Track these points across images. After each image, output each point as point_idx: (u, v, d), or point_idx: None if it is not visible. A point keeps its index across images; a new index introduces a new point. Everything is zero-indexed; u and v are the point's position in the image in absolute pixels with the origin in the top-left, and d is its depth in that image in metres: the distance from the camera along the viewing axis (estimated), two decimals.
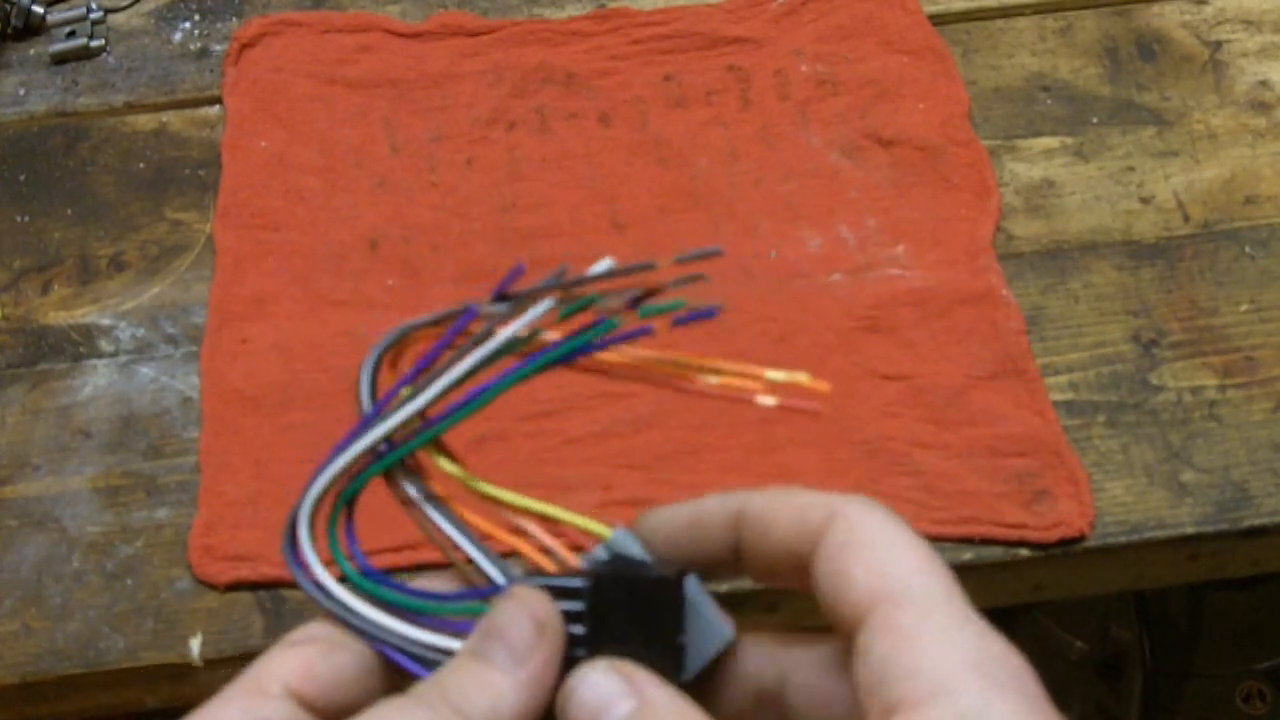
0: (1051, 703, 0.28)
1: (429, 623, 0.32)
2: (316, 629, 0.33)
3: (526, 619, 0.31)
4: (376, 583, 0.32)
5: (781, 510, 0.31)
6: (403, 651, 0.32)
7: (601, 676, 0.30)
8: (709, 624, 0.31)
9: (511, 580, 0.32)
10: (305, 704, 0.31)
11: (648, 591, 0.31)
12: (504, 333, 0.33)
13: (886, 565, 0.29)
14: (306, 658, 0.32)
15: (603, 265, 0.33)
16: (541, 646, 0.31)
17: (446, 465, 0.34)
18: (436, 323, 0.34)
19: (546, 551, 0.33)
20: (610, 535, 0.33)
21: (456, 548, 0.34)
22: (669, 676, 0.30)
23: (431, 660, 0.31)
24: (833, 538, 0.30)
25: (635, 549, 0.32)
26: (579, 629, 0.31)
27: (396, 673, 0.32)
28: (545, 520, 0.34)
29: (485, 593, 0.32)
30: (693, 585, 0.31)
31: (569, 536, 0.33)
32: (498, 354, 0.33)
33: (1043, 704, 0.28)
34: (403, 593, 0.32)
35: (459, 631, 0.32)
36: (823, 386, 0.31)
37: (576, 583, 0.32)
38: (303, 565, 0.33)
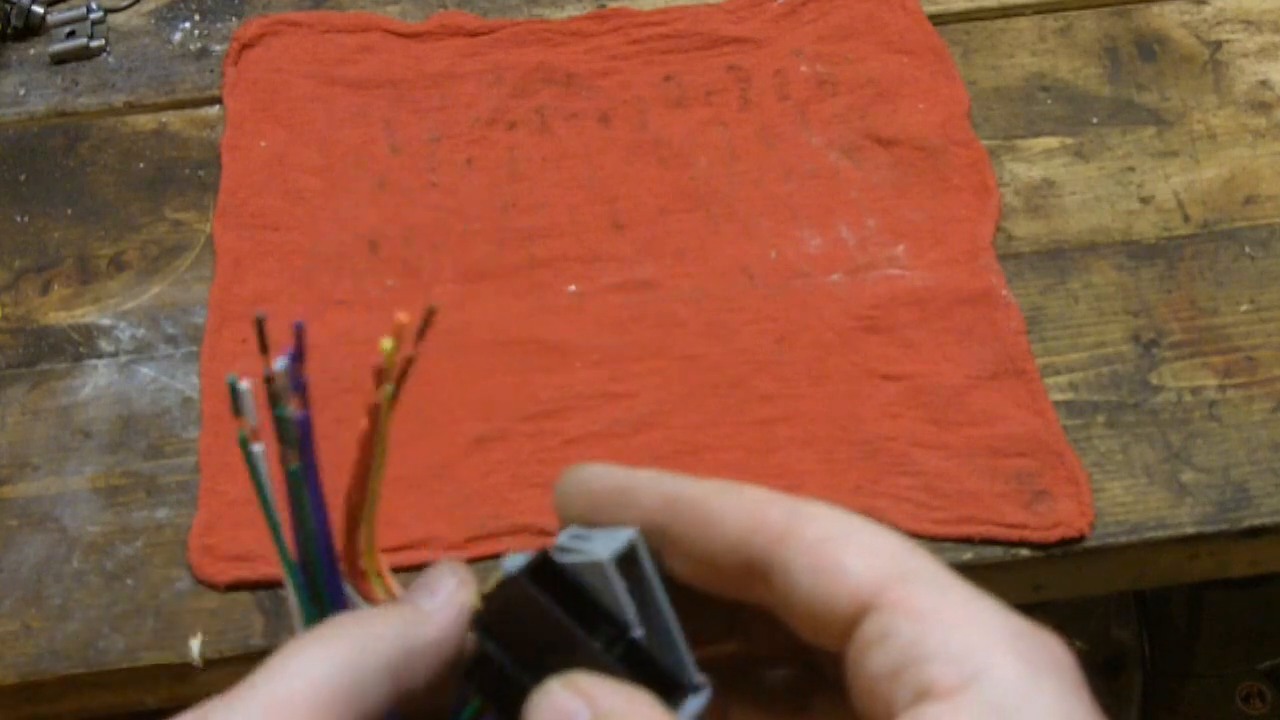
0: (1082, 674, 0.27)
1: None
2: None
3: (450, 572, 0.33)
4: None
5: (727, 505, 0.30)
6: None
7: (556, 690, 0.29)
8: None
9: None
10: None
11: (539, 599, 0.30)
12: None
13: (883, 550, 0.28)
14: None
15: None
16: (460, 597, 0.32)
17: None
18: None
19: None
20: (505, 562, 0.32)
21: None
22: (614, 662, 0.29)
23: None
24: (807, 532, 0.29)
25: (520, 560, 0.32)
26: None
27: None
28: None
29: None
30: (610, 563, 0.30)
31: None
32: None
33: (1078, 680, 0.26)
34: None
35: None
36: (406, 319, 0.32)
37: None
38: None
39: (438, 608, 0.32)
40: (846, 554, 0.28)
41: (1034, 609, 1.10)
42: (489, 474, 0.62)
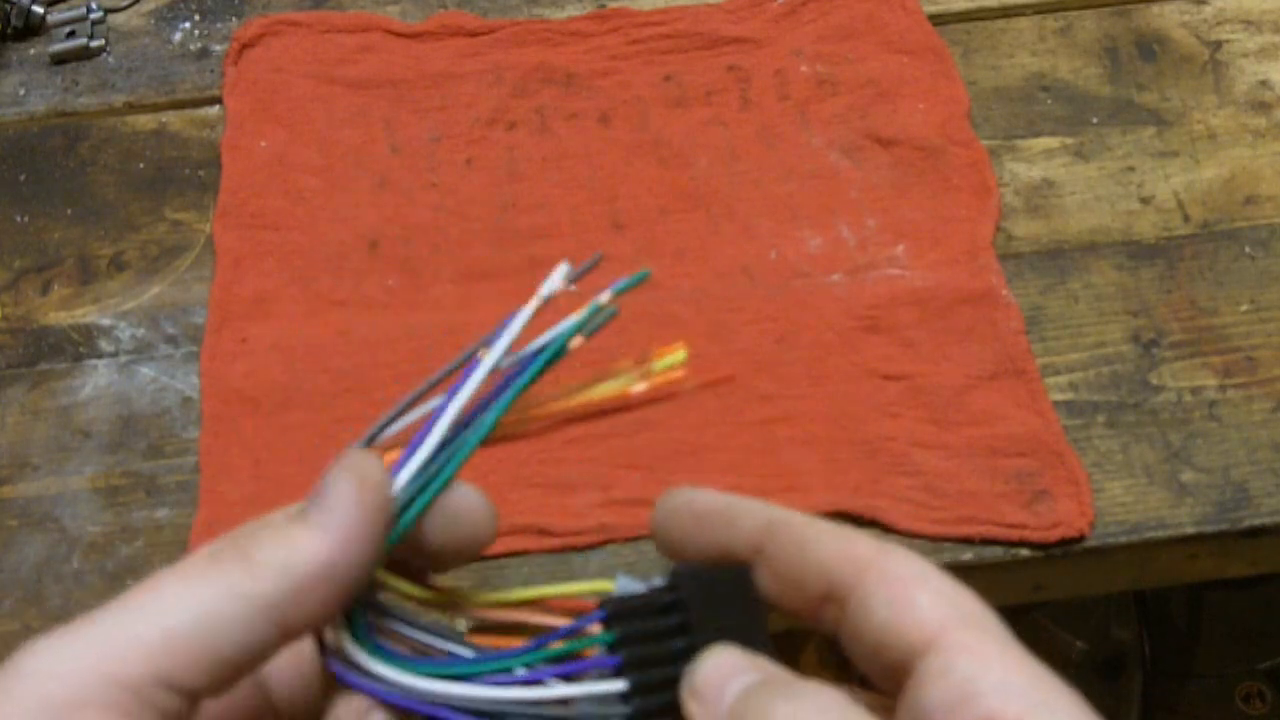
0: None
1: (492, 680, 0.30)
2: None
3: (343, 474, 0.30)
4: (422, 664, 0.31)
5: (824, 534, 0.31)
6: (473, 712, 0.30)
7: (722, 654, 0.30)
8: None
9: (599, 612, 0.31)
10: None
11: (728, 584, 0.31)
12: (487, 360, 0.32)
13: (953, 596, 0.30)
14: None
15: (558, 273, 0.32)
16: (355, 500, 0.30)
17: (408, 589, 0.32)
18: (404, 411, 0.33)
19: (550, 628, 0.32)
20: (615, 583, 0.32)
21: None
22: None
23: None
24: (889, 568, 0.30)
25: (638, 586, 0.32)
26: (679, 643, 0.31)
27: None
28: (535, 603, 0.33)
29: (552, 637, 0.31)
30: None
31: (567, 605, 0.32)
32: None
33: None
34: (466, 662, 0.30)
35: (531, 681, 0.30)
36: (678, 356, 0.31)
37: (658, 582, 0.32)
38: (356, 667, 0.30)
39: (332, 525, 0.29)
40: (921, 592, 0.30)
41: (1034, 609, 1.09)
42: (489, 474, 0.62)
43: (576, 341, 0.33)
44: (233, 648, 0.28)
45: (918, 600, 0.29)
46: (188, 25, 0.81)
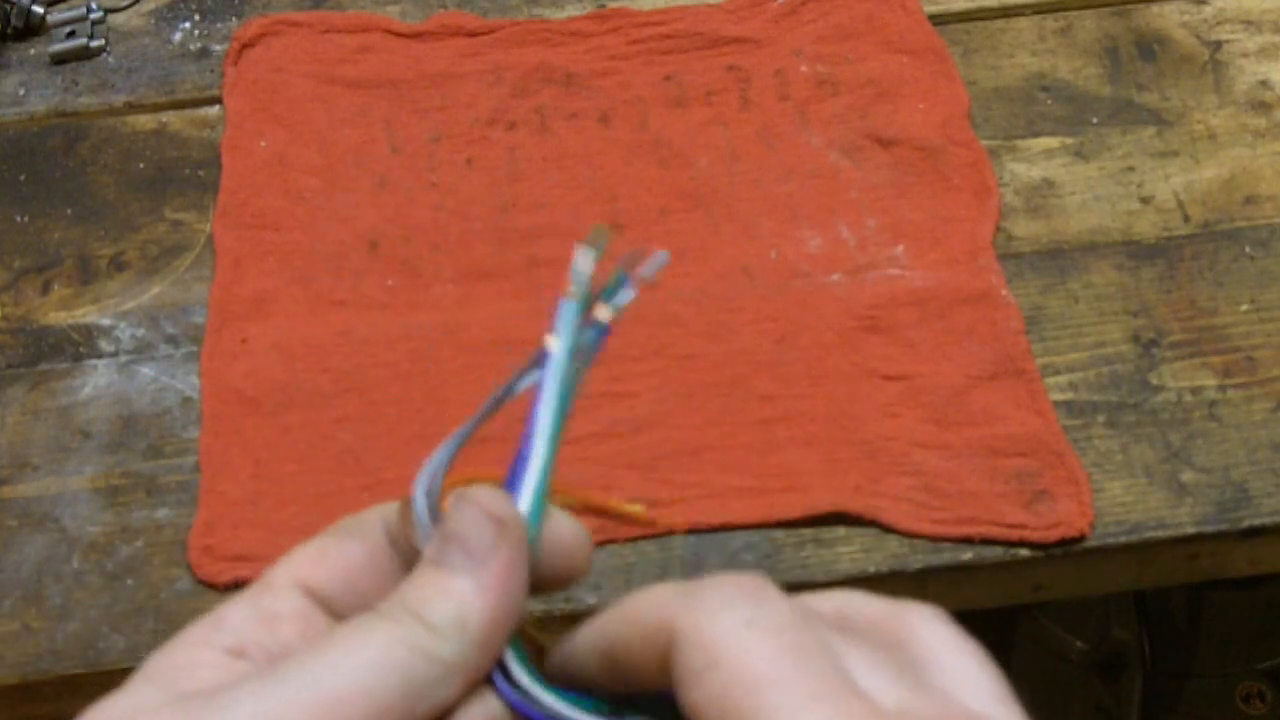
0: None
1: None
2: (340, 523, 0.32)
3: (483, 519, 0.30)
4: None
5: (628, 629, 0.30)
6: None
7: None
8: None
9: None
10: (317, 596, 0.30)
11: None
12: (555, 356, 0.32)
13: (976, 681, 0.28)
14: (317, 547, 0.31)
15: (587, 258, 0.32)
16: (503, 545, 0.29)
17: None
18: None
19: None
20: None
21: None
22: None
23: None
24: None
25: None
26: None
27: (401, 565, 0.31)
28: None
29: None
30: None
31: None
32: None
33: None
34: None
35: None
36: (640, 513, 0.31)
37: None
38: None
39: (491, 578, 0.29)
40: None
41: (1034, 609, 1.09)
42: (489, 474, 0.61)
43: (605, 312, 0.33)
44: (425, 707, 0.28)
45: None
46: (188, 25, 0.81)
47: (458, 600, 0.29)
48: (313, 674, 0.27)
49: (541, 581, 0.31)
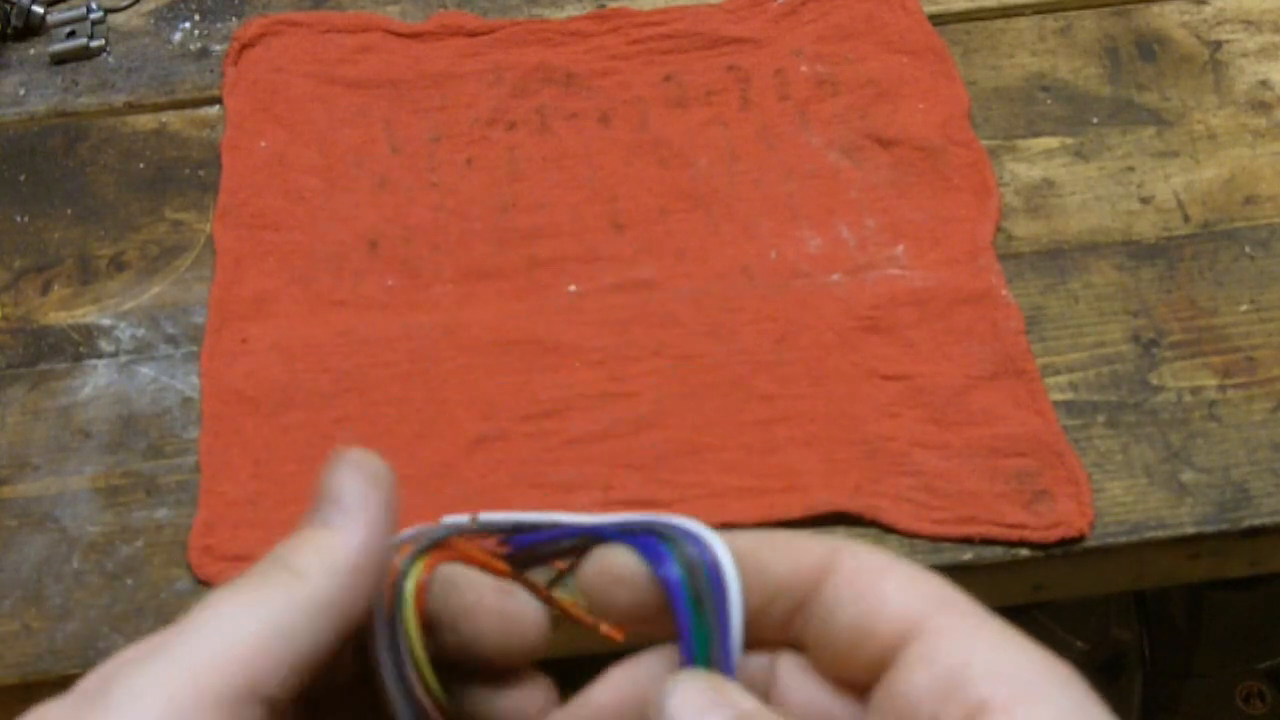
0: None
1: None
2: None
3: (357, 476, 0.32)
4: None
5: (773, 552, 0.30)
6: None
7: (691, 687, 0.29)
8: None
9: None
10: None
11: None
12: None
13: (922, 582, 0.29)
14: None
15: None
16: (374, 497, 0.31)
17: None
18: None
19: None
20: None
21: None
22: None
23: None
24: (848, 565, 0.29)
25: None
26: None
27: None
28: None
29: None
30: None
31: None
32: None
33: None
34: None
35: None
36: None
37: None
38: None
39: (354, 523, 0.31)
40: (887, 583, 0.29)
41: (1034, 609, 1.09)
42: (489, 474, 0.62)
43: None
44: (306, 651, 0.29)
45: (885, 591, 0.29)
46: (188, 25, 0.81)
47: (327, 550, 0.30)
48: (196, 636, 0.28)
49: (494, 652, 0.33)
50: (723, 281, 0.68)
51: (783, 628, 0.31)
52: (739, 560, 0.30)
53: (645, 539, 0.31)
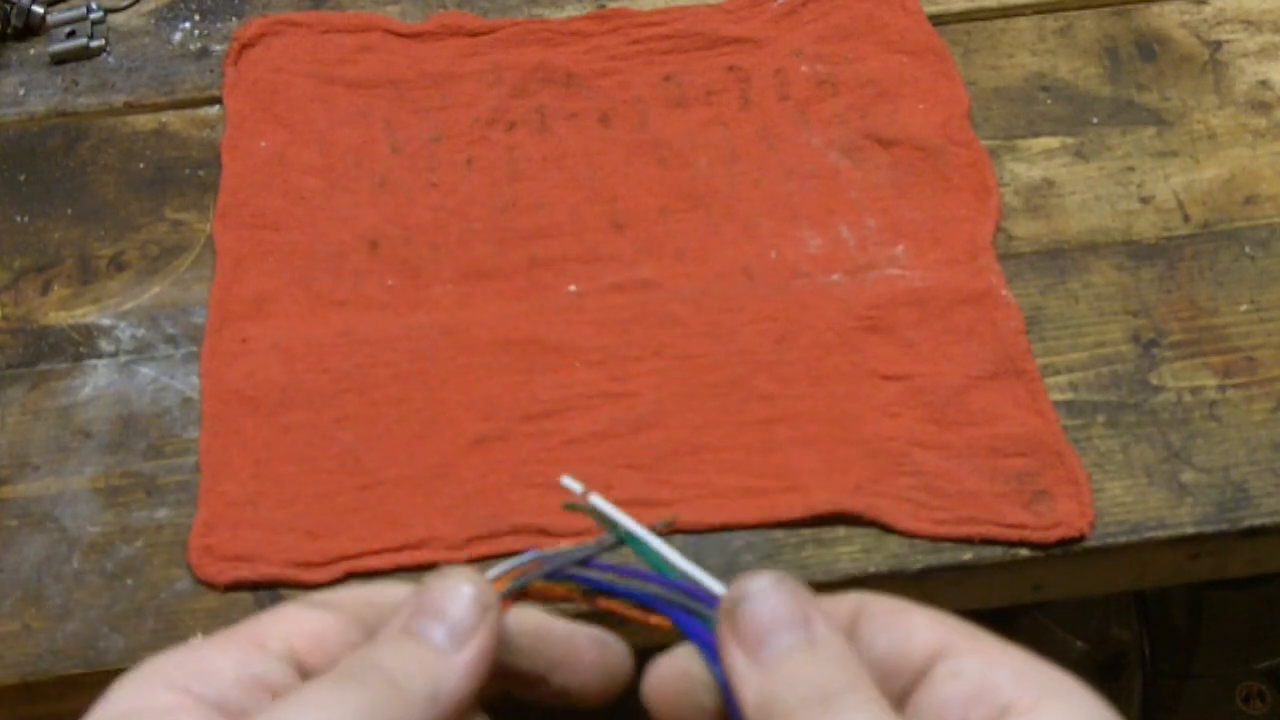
0: None
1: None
2: (339, 597, 0.32)
3: (470, 598, 0.30)
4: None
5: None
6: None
7: (775, 593, 0.30)
8: None
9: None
10: (304, 670, 0.30)
11: None
12: None
13: (943, 617, 0.31)
14: (323, 624, 0.31)
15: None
16: (483, 629, 0.30)
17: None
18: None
19: None
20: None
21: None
22: None
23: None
24: (876, 607, 0.31)
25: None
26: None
27: None
28: None
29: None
30: None
31: None
32: None
33: None
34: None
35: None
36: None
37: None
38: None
39: (467, 657, 0.30)
40: (916, 616, 0.31)
41: (1034, 609, 1.09)
42: (489, 474, 0.62)
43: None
44: None
45: (915, 623, 0.30)
46: (188, 25, 0.81)
47: (434, 676, 0.29)
48: None
49: (582, 690, 0.33)
50: (723, 281, 0.68)
51: None
52: None
53: (697, 628, 0.32)
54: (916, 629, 0.30)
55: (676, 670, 0.31)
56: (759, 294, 0.67)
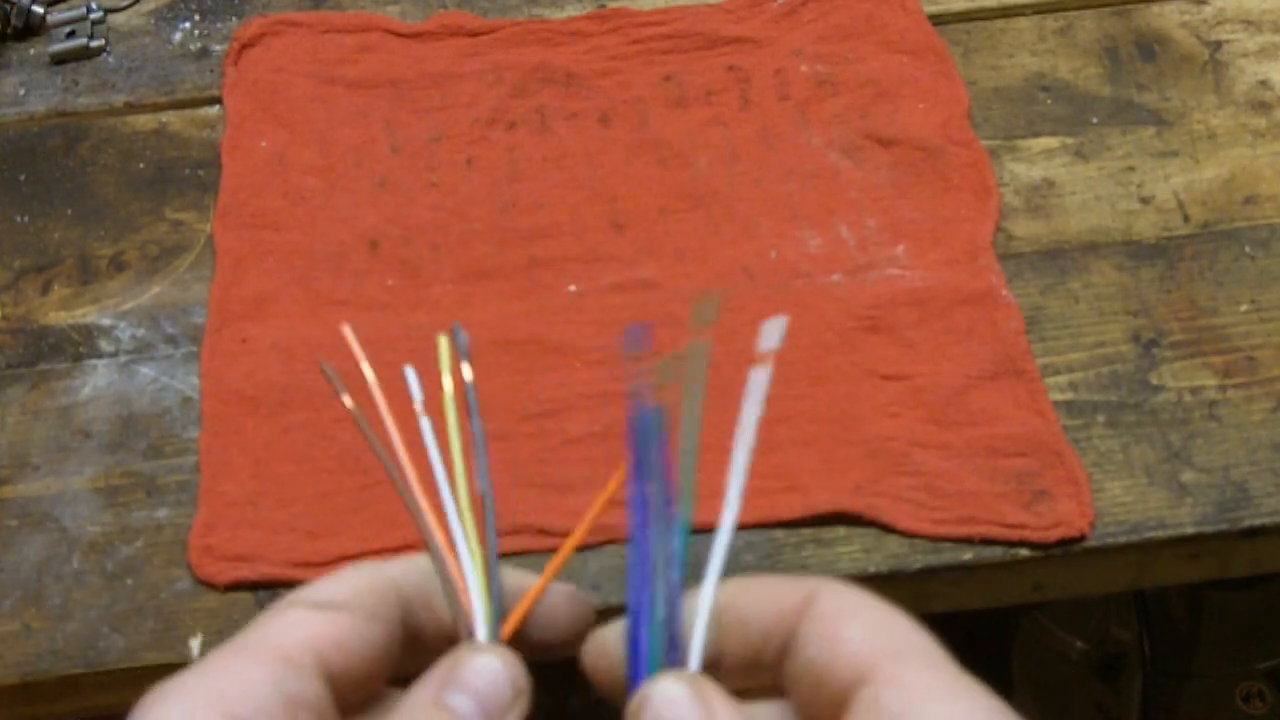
0: None
1: None
2: (340, 592, 0.32)
3: (506, 681, 0.31)
4: None
5: (754, 598, 0.32)
6: None
7: (675, 690, 0.30)
8: None
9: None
10: (333, 678, 0.30)
11: None
12: None
13: (882, 626, 0.30)
14: (338, 627, 0.31)
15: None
16: (514, 712, 0.31)
17: None
18: None
19: None
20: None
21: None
22: None
23: None
24: (820, 607, 0.31)
25: None
26: None
27: (409, 653, 0.32)
28: None
29: None
30: None
31: None
32: None
33: None
34: None
35: None
36: None
37: None
38: None
39: None
40: (849, 627, 0.30)
41: (1033, 609, 1.09)
42: (488, 474, 0.61)
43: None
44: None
45: (845, 635, 0.30)
46: (188, 25, 0.81)
47: None
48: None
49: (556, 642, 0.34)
50: (723, 281, 0.68)
51: (769, 669, 0.32)
52: (720, 613, 0.32)
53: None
54: (848, 643, 0.30)
55: (616, 636, 0.32)
56: (759, 294, 0.67)
